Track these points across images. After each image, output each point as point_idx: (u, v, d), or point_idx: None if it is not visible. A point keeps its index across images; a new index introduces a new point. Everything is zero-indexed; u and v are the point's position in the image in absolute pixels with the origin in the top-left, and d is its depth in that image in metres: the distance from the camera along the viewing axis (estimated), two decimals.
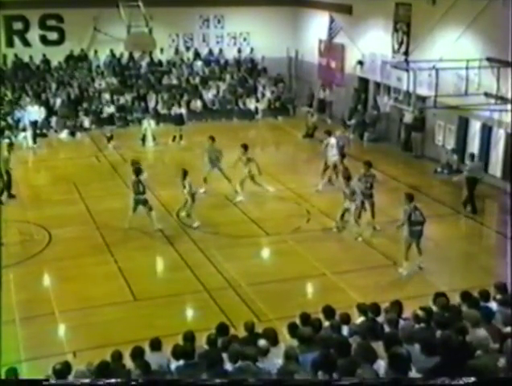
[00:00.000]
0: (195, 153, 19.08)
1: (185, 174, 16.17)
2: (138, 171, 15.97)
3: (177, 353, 7.71)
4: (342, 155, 19.60)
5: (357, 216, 15.69)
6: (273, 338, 7.90)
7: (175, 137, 24.11)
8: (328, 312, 8.88)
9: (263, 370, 7.05)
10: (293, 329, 8.26)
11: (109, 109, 26.15)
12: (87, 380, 6.98)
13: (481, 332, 7.40)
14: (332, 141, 19.40)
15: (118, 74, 28.55)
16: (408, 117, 22.60)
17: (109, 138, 23.86)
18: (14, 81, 26.81)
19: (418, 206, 13.76)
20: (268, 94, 29.00)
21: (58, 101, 26.40)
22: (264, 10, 29.48)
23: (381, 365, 6.66)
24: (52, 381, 6.93)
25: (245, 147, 18.24)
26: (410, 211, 13.56)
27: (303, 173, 20.93)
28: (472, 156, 18.21)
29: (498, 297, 8.91)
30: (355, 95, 26.21)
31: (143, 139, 23.91)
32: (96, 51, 28.70)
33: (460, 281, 12.81)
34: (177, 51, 29.80)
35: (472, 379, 5.50)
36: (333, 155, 18.93)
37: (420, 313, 8.26)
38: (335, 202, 16.65)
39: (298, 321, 8.54)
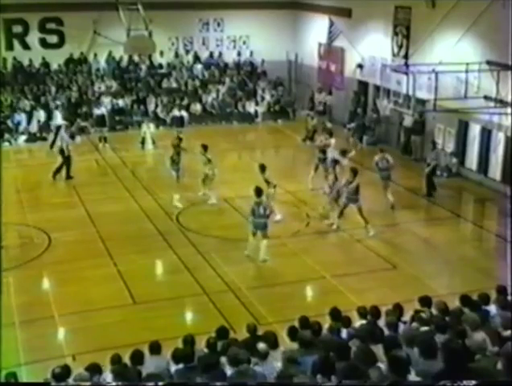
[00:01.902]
0: (194, 157, 19.06)
1: (205, 148, 17.92)
2: (259, 192, 14.63)
3: (177, 356, 7.71)
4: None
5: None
6: (273, 341, 7.90)
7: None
8: (336, 314, 8.89)
9: (259, 374, 7.04)
10: (293, 332, 8.25)
11: (98, 111, 25.82)
12: (87, 384, 6.97)
13: (480, 335, 7.40)
14: (333, 141, 19.38)
15: (118, 77, 28.55)
16: (408, 121, 22.62)
17: (104, 139, 23.95)
18: (13, 84, 26.79)
19: (387, 156, 17.51)
20: (268, 97, 29.03)
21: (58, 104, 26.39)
22: (264, 13, 29.49)
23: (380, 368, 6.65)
24: (52, 384, 6.94)
25: (204, 147, 18.24)
26: (377, 160, 17.40)
27: (302, 176, 20.88)
28: (433, 143, 19.66)
29: (498, 300, 8.90)
30: (355, 98, 26.23)
31: (143, 142, 23.93)
32: (95, 55, 28.69)
33: (460, 285, 12.83)
34: (177, 55, 29.79)
35: (473, 382, 5.49)
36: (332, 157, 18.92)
37: (424, 315, 8.27)
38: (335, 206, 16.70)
39: (297, 324, 8.54)
